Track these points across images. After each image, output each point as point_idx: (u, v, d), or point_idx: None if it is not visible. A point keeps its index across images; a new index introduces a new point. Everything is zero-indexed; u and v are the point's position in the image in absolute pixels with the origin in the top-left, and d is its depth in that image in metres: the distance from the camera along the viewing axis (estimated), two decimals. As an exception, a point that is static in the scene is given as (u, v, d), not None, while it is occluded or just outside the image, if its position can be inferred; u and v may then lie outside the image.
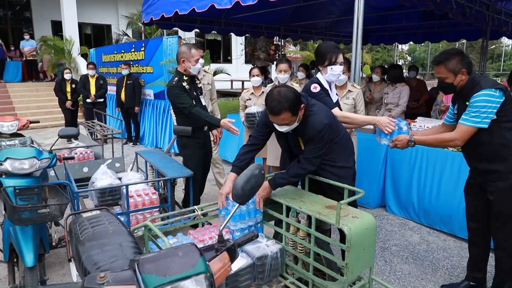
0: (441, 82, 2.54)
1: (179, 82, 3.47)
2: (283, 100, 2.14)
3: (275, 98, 2.17)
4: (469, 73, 2.44)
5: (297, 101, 2.21)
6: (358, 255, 1.99)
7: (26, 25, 16.26)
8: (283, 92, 2.17)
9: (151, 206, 3.24)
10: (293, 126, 2.29)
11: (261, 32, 9.31)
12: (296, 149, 2.52)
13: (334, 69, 2.77)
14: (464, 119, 2.41)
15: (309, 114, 2.32)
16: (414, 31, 9.71)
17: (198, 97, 3.62)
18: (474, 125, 2.37)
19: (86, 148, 4.53)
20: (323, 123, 2.30)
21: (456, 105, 2.62)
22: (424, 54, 37.66)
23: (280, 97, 2.15)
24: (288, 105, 2.15)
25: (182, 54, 3.46)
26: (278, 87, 2.25)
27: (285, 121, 2.23)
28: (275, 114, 2.19)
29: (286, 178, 2.37)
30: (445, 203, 3.86)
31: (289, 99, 2.15)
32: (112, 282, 1.07)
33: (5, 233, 2.57)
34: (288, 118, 2.21)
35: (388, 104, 5.65)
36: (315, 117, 2.32)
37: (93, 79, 8.12)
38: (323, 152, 2.37)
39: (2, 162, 2.42)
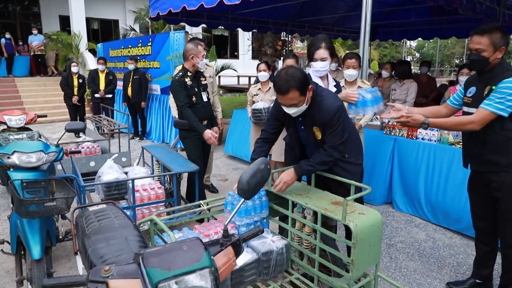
0: (475, 55, 2.37)
1: (182, 77, 3.58)
2: (290, 78, 2.14)
3: (282, 77, 2.17)
4: (504, 53, 2.36)
5: (305, 80, 2.19)
6: (364, 251, 1.98)
7: (34, 20, 16.37)
8: (290, 71, 2.17)
9: (157, 201, 3.25)
10: (302, 109, 2.27)
11: (268, 28, 9.25)
12: (308, 139, 2.48)
13: (314, 65, 2.78)
14: (487, 104, 2.31)
15: (320, 99, 2.31)
16: (423, 27, 9.57)
17: (199, 93, 3.70)
18: (496, 112, 2.29)
19: (93, 143, 4.56)
20: (336, 104, 2.31)
21: (473, 88, 2.50)
22: (433, 50, 37.28)
23: (288, 75, 2.15)
24: (295, 84, 2.14)
25: (191, 51, 3.58)
26: (285, 68, 2.25)
27: (293, 101, 2.20)
28: (283, 92, 2.18)
29: (312, 165, 2.37)
30: (452, 200, 3.83)
31: (296, 77, 2.15)
32: (116, 275, 1.07)
33: (13, 225, 2.59)
34: (296, 98, 2.18)
35: (395, 100, 5.60)
36: (327, 100, 2.32)
37: (103, 74, 8.14)
38: (345, 138, 2.37)
39: (9, 156, 2.44)
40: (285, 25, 9.48)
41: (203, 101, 3.73)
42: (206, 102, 3.78)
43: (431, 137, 4.11)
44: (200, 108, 3.70)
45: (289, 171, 2.36)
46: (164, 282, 1.05)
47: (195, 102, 3.65)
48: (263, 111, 4.29)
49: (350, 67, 3.82)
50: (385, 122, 4.63)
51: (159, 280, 1.04)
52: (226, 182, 5.25)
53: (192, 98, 3.62)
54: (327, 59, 2.79)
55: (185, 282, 1.08)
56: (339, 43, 18.40)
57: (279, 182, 2.33)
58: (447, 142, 3.99)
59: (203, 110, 3.74)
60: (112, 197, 3.39)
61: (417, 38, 10.72)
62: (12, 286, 2.83)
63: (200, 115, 3.68)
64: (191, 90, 3.61)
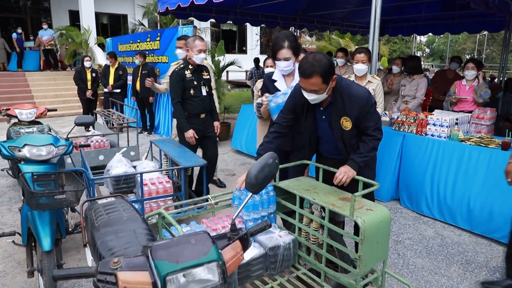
0: None
1: (182, 70, 3.73)
2: (316, 64, 2.11)
3: (308, 61, 2.14)
4: None
5: (330, 69, 2.16)
6: (372, 247, 1.97)
7: (45, 15, 16.49)
8: (318, 57, 2.14)
9: (165, 195, 3.27)
10: (321, 97, 2.24)
11: (277, 23, 9.21)
12: (330, 131, 2.44)
13: (278, 65, 2.84)
14: None
15: (348, 88, 2.29)
16: (434, 22, 9.45)
17: (199, 87, 3.80)
18: None
19: (102, 137, 4.59)
20: (364, 89, 2.34)
21: None
22: (443, 46, 36.77)
23: (315, 60, 2.12)
24: (320, 70, 2.11)
25: (187, 44, 3.72)
26: (314, 52, 2.23)
27: (315, 87, 2.16)
28: (306, 76, 2.14)
29: (364, 155, 2.35)
30: (462, 198, 3.80)
31: (322, 64, 2.12)
32: (125, 267, 1.08)
33: (24, 217, 2.63)
34: (318, 85, 2.15)
35: (405, 96, 5.54)
36: (355, 86, 2.33)
37: (113, 69, 8.19)
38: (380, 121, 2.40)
39: (20, 149, 2.47)
40: (294, 20, 9.43)
41: (202, 95, 3.84)
42: (205, 96, 3.89)
43: (440, 134, 4.06)
44: (198, 101, 3.82)
45: (346, 167, 2.34)
46: (172, 275, 1.05)
47: (193, 95, 3.76)
48: None
49: (359, 62, 3.83)
50: (394, 118, 4.59)
51: (167, 273, 1.05)
52: (233, 177, 5.27)
53: (190, 91, 3.74)
54: (291, 58, 2.79)
55: (192, 275, 1.08)
56: (348, 38, 18.24)
57: (340, 173, 2.32)
58: (457, 139, 3.94)
59: (201, 103, 3.85)
60: (121, 190, 3.42)
61: (427, 33, 10.60)
62: (23, 276, 2.87)
63: (198, 109, 3.83)
64: (189, 82, 3.73)
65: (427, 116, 4.25)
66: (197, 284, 1.09)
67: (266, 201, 2.33)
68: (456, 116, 4.23)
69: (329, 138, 2.49)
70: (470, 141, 3.85)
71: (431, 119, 4.17)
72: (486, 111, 4.33)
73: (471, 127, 4.39)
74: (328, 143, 2.54)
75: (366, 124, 2.33)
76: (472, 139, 3.88)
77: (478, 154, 3.71)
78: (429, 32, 10.30)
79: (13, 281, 2.84)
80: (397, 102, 5.70)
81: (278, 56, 2.77)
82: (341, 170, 2.33)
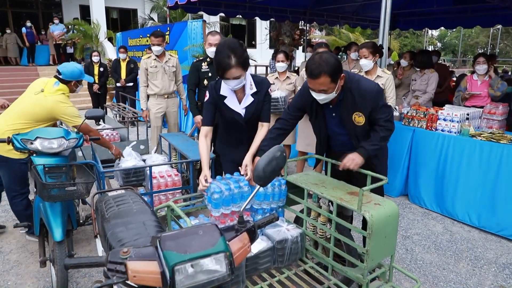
0: None
1: (199, 61, 4.03)
2: (323, 63, 2.09)
3: (315, 61, 2.11)
4: None
5: (338, 68, 2.13)
6: (379, 242, 1.97)
7: (56, 10, 16.63)
8: (324, 56, 2.12)
9: (173, 188, 3.30)
10: (331, 96, 2.21)
11: (286, 17, 9.16)
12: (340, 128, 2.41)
13: (228, 83, 2.32)
14: None
15: (357, 84, 2.26)
16: (446, 16, 9.28)
17: (213, 78, 3.88)
18: None
19: (112, 130, 4.64)
20: (374, 82, 2.32)
21: None
22: (456, 40, 36.19)
23: (321, 60, 2.10)
24: (328, 70, 2.09)
25: (207, 39, 3.88)
26: (320, 52, 2.19)
27: (323, 87, 2.14)
28: (314, 76, 2.12)
29: (375, 143, 2.31)
30: (472, 194, 3.76)
31: (329, 63, 2.09)
32: (134, 257, 1.10)
33: (36, 209, 2.69)
34: (327, 84, 2.13)
35: (415, 91, 5.48)
36: (364, 81, 2.31)
37: (124, 63, 8.23)
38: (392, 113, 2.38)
39: (32, 141, 2.51)
40: (304, 14, 9.36)
41: None
42: None
43: (451, 129, 4.02)
44: None
45: (355, 154, 2.27)
46: (180, 265, 1.07)
47: (207, 85, 3.85)
48: (280, 100, 4.28)
49: (362, 57, 3.84)
50: (404, 113, 4.55)
51: (176, 263, 1.07)
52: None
53: (204, 81, 3.96)
54: (241, 75, 2.29)
55: (200, 266, 1.10)
56: (358, 32, 18.05)
57: (348, 160, 2.25)
58: (467, 134, 3.90)
59: None
60: (131, 183, 3.46)
61: (439, 27, 10.42)
62: (36, 266, 2.94)
63: None
64: (204, 74, 3.95)
65: (437, 111, 4.21)
66: (204, 275, 1.11)
67: (277, 193, 2.33)
68: (467, 111, 4.17)
69: (339, 135, 2.47)
70: (481, 136, 3.80)
71: (442, 114, 4.12)
72: (498, 106, 4.27)
73: (482, 122, 4.33)
74: (339, 139, 2.51)
75: (377, 116, 2.31)
76: (483, 135, 3.83)
77: (489, 149, 3.66)
78: (441, 26, 10.13)
79: (26, 271, 2.91)
80: (407, 97, 5.64)
81: (226, 76, 2.26)
82: (349, 156, 2.27)
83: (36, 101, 2.84)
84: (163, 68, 4.74)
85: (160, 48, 4.65)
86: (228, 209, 2.17)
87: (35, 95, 2.86)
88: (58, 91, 2.89)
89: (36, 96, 2.85)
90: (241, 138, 2.56)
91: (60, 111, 2.86)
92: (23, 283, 2.76)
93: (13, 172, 2.85)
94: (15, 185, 2.94)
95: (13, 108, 2.92)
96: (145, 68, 4.74)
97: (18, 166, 2.68)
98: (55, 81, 2.93)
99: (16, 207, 3.02)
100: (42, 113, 2.85)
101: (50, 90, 2.87)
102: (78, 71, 2.99)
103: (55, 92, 2.87)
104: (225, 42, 2.27)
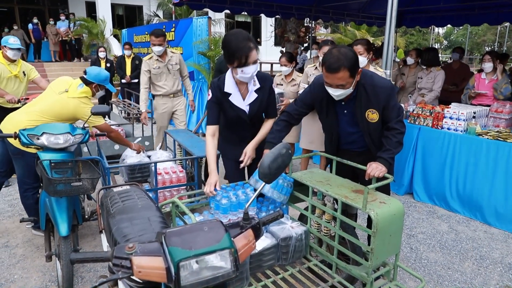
0: None
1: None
2: (342, 57, 2.05)
3: (334, 55, 2.07)
4: None
5: (356, 62, 2.11)
6: (384, 240, 1.97)
7: (62, 6, 16.69)
8: (343, 50, 2.09)
9: (178, 184, 3.31)
10: (348, 92, 2.17)
11: (292, 14, 9.11)
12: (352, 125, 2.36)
13: (246, 71, 2.23)
14: None
15: (371, 80, 2.23)
16: (453, 13, 9.19)
17: None
18: None
19: (117, 126, 4.65)
20: (387, 79, 2.32)
21: None
22: (462, 38, 35.87)
23: (340, 54, 2.06)
24: (347, 64, 2.05)
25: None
26: (337, 46, 2.16)
27: (342, 81, 2.10)
28: (332, 71, 2.07)
29: (391, 151, 2.26)
30: (480, 192, 3.74)
31: (348, 57, 2.06)
32: (140, 252, 1.10)
33: (42, 204, 2.71)
34: (346, 79, 2.09)
35: (421, 89, 5.45)
36: (377, 77, 2.28)
37: (129, 59, 8.24)
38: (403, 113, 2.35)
39: (39, 137, 2.53)
40: (309, 11, 9.31)
41: None
42: None
43: (457, 127, 3.99)
44: None
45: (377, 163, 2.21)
46: (185, 261, 1.07)
47: None
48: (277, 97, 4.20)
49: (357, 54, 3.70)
50: (410, 111, 4.53)
51: (181, 259, 1.07)
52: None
53: None
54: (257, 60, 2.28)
55: (205, 262, 1.10)
56: (364, 29, 17.95)
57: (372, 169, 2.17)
58: (474, 133, 3.87)
59: None
60: (136, 179, 3.47)
61: (446, 24, 10.31)
62: (42, 260, 2.96)
63: None
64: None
65: (443, 109, 4.18)
66: (209, 271, 1.11)
67: (285, 188, 2.31)
68: (473, 109, 4.14)
69: (351, 133, 2.42)
70: (488, 135, 3.77)
71: (448, 112, 4.10)
72: (505, 105, 4.23)
73: (489, 121, 4.30)
74: (349, 137, 2.46)
75: (389, 115, 2.27)
76: (489, 133, 3.80)
77: (496, 148, 3.63)
78: (447, 24, 10.02)
79: (32, 265, 2.93)
80: (413, 95, 5.61)
81: (249, 60, 2.19)
82: (373, 166, 2.20)
83: (59, 101, 2.88)
84: (166, 68, 4.56)
85: (161, 48, 4.42)
86: (235, 214, 2.19)
87: (59, 94, 2.89)
88: (82, 93, 2.93)
89: (60, 95, 2.89)
90: (244, 136, 2.53)
91: (81, 112, 2.90)
92: (29, 277, 2.78)
93: (28, 166, 2.88)
94: (28, 179, 2.97)
95: (34, 104, 2.95)
96: (148, 70, 4.53)
97: (33, 160, 2.71)
98: (79, 83, 2.97)
99: (27, 200, 3.05)
100: (64, 113, 2.89)
101: (74, 92, 2.91)
102: (104, 75, 3.02)
103: (79, 94, 2.91)
104: (233, 31, 2.26)
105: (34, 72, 4.50)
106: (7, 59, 4.19)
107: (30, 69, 4.46)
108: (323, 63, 2.14)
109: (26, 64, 4.44)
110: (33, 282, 2.73)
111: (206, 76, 7.33)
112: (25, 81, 4.41)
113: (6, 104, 4.12)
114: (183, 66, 4.79)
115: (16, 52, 4.17)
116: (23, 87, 4.40)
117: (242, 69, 2.22)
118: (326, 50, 4.07)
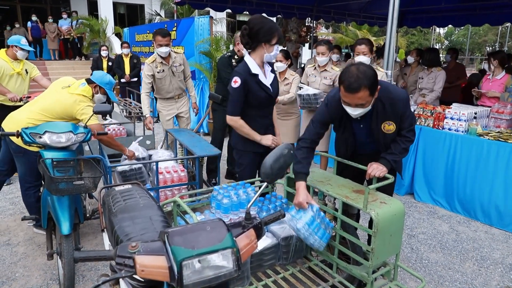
0: None
1: (229, 58, 4.15)
2: (361, 75, 1.95)
3: (353, 74, 1.97)
4: None
5: (376, 80, 2.01)
6: (385, 240, 1.97)
7: (64, 4, 16.70)
8: (362, 68, 1.98)
9: (179, 183, 3.32)
10: (366, 110, 2.10)
11: (293, 13, 9.12)
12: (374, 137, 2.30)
13: (275, 50, 2.50)
14: None
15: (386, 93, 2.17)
16: (454, 13, 9.18)
17: None
18: None
19: (118, 125, 4.67)
20: (401, 89, 2.30)
21: None
22: (463, 38, 35.83)
23: (360, 72, 1.96)
24: (367, 83, 1.96)
25: (237, 38, 4.01)
26: (355, 64, 2.05)
27: (362, 101, 2.01)
28: (352, 91, 1.97)
29: (396, 154, 2.26)
30: (480, 193, 3.75)
31: (368, 75, 1.96)
32: (143, 251, 1.11)
33: (44, 202, 2.72)
34: (365, 98, 2.00)
35: (422, 89, 5.45)
36: (391, 87, 2.25)
37: (127, 58, 8.26)
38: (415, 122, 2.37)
39: (41, 135, 2.53)
40: (311, 10, 9.32)
41: None
42: None
43: (458, 128, 3.99)
44: None
45: (378, 164, 2.23)
46: (188, 260, 1.08)
47: None
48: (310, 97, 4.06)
49: (360, 54, 3.64)
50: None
51: (183, 258, 1.07)
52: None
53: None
54: None
55: (208, 261, 1.11)
56: (365, 29, 17.94)
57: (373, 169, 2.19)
58: (475, 133, 3.87)
59: None
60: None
61: (447, 25, 10.30)
62: (43, 259, 2.97)
63: None
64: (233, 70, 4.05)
65: (444, 110, 4.18)
66: (212, 270, 1.12)
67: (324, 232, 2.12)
68: (474, 110, 4.14)
69: (366, 143, 2.40)
70: (489, 135, 3.78)
71: (449, 112, 4.10)
72: (506, 105, 4.23)
73: (490, 122, 4.30)
74: (363, 145, 2.43)
75: (402, 124, 2.25)
76: (490, 134, 3.80)
77: (497, 149, 3.64)
78: (449, 24, 10.01)
79: (33, 263, 2.94)
80: (414, 95, 5.61)
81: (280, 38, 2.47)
82: (373, 166, 2.21)
83: (60, 97, 2.90)
84: (171, 71, 4.23)
85: (168, 49, 4.09)
86: (236, 214, 2.20)
87: (61, 89, 2.94)
88: (82, 91, 2.95)
89: (62, 90, 2.93)
90: (268, 124, 2.71)
91: (76, 108, 2.90)
92: (30, 275, 2.79)
93: (30, 164, 2.89)
94: (30, 177, 2.98)
95: (36, 103, 2.96)
96: (151, 74, 4.12)
97: (35, 159, 2.72)
98: (82, 81, 3.01)
99: (28, 198, 3.06)
100: (64, 111, 2.89)
101: (76, 89, 2.94)
102: (107, 79, 3.06)
103: (79, 92, 2.94)
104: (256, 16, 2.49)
105: (35, 70, 4.52)
106: (11, 57, 4.21)
107: (32, 68, 4.48)
108: (341, 82, 2.04)
109: (28, 63, 4.46)
110: (35, 280, 2.74)
111: (208, 75, 7.33)
112: (28, 79, 4.43)
113: (8, 102, 4.13)
114: (186, 66, 4.61)
115: (25, 53, 4.26)
116: (26, 85, 4.42)
117: (278, 46, 2.47)
118: (321, 50, 4.07)
